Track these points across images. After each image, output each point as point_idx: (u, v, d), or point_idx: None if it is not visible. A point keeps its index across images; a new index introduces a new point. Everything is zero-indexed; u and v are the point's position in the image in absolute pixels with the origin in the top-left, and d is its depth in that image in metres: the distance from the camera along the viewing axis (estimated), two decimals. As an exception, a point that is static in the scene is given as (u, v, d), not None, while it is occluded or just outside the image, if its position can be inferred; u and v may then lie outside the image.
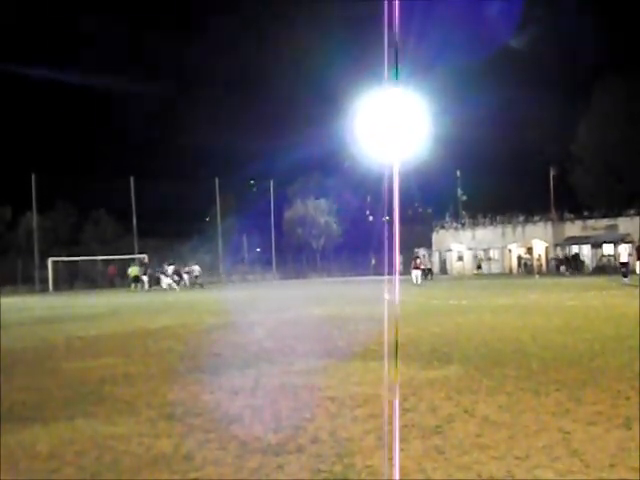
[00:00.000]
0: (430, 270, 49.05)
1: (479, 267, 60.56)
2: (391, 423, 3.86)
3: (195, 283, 46.14)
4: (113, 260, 52.19)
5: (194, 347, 11.91)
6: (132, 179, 57.34)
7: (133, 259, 52.65)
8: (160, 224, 59.47)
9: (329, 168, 69.03)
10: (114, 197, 58.51)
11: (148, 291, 43.25)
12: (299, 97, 68.67)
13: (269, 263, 64.64)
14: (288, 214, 70.19)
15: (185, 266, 48.45)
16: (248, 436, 5.51)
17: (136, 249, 56.04)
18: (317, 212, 70.16)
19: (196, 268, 47.77)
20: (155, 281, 46.99)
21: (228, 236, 63.35)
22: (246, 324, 16.05)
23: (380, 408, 6.12)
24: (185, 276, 47.06)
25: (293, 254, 66.27)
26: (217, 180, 62.19)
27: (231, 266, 62.12)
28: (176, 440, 5.47)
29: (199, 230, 64.71)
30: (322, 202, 70.16)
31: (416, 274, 39.00)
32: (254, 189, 70.57)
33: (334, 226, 71.00)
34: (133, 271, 47.42)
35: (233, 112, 75.65)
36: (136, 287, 45.16)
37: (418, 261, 41.10)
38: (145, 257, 53.21)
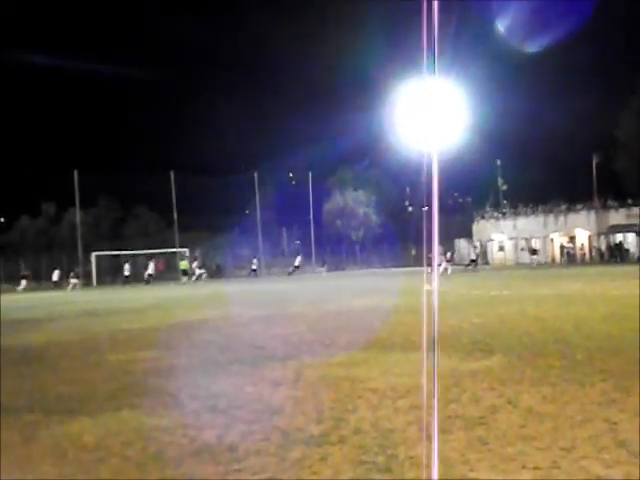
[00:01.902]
0: (474, 261, 48.76)
1: (474, 260, 53.63)
2: (430, 415, 3.84)
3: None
4: (155, 255, 53.45)
5: (236, 339, 11.99)
6: (172, 174, 57.87)
7: (175, 253, 53.56)
8: (200, 218, 60.00)
9: (368, 159, 68.86)
10: (155, 192, 59.12)
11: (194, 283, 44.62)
12: (337, 89, 68.55)
13: (309, 255, 64.70)
14: (327, 206, 70.08)
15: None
16: (290, 427, 5.53)
17: (177, 243, 56.62)
18: (356, 203, 69.93)
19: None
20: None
21: (268, 229, 63.61)
22: (287, 316, 16.11)
23: (422, 399, 6.09)
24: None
25: (332, 246, 66.25)
26: (256, 173, 62.47)
27: (271, 259, 62.40)
28: (219, 431, 5.52)
29: (239, 223, 65.07)
30: (361, 193, 69.89)
31: (444, 266, 39.90)
32: (293, 182, 70.69)
33: (373, 217, 70.71)
34: (182, 265, 50.24)
35: (271, 105, 75.88)
36: (188, 280, 47.48)
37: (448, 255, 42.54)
38: (187, 251, 54.10)
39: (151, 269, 49.35)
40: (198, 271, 49.25)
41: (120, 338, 13.08)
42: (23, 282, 46.72)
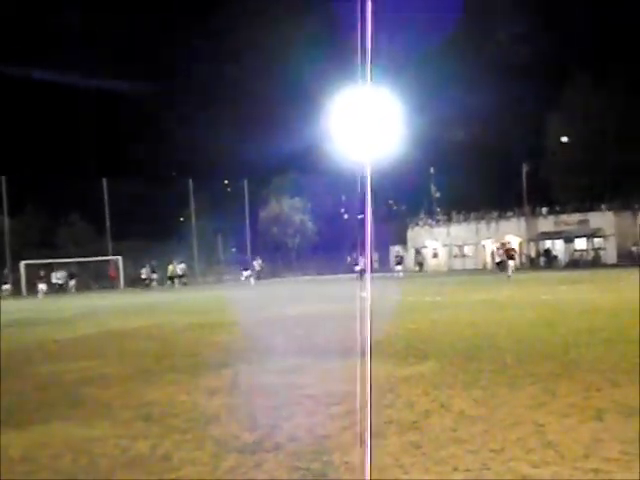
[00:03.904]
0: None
1: (399, 263, 50.98)
2: (364, 420, 3.89)
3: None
4: (109, 261, 53.66)
5: (170, 347, 11.85)
6: (105, 181, 57.04)
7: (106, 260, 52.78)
8: (134, 226, 59.20)
9: (304, 167, 69.01)
10: (87, 200, 58.14)
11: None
12: (273, 96, 68.40)
13: (244, 262, 64.48)
14: (263, 214, 70.09)
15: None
16: (225, 435, 5.50)
17: (110, 251, 55.77)
18: (292, 211, 70.17)
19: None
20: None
21: (203, 237, 63.24)
22: (223, 324, 16.00)
23: (357, 405, 6.13)
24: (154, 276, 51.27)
25: (269, 253, 66.19)
26: (191, 181, 62.11)
27: (206, 267, 61.99)
28: (153, 441, 5.45)
29: (173, 231, 64.47)
30: (297, 201, 70.13)
31: (510, 265, 34.41)
32: (229, 189, 70.40)
33: (309, 225, 71.05)
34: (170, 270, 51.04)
35: (206, 112, 75.22)
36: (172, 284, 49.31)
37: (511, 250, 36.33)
38: (119, 259, 53.48)
39: (145, 273, 50.86)
40: (154, 276, 49.82)
41: (51, 348, 12.78)
42: (6, 286, 47.90)
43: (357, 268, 37.12)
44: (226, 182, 70.93)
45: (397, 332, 12.22)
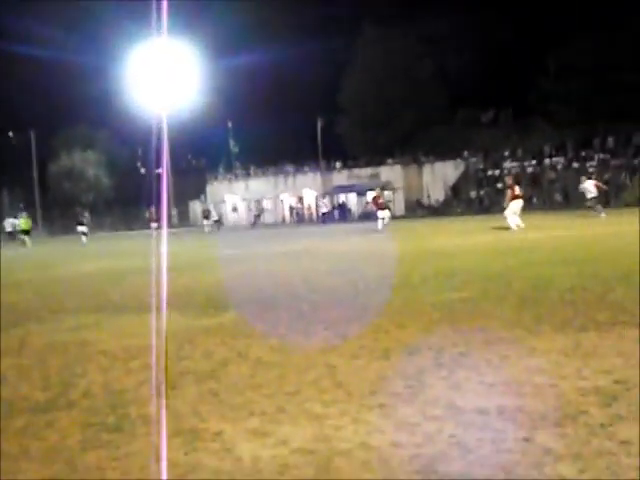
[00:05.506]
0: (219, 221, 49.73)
1: (206, 217, 49.64)
2: (159, 372, 3.89)
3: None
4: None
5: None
6: None
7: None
8: None
9: (97, 119, 66.01)
10: None
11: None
12: (64, 45, 64.41)
13: (34, 220, 61.12)
14: (53, 167, 66.54)
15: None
16: (14, 396, 5.26)
17: None
18: (85, 165, 67.23)
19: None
20: None
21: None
22: (10, 283, 15.12)
23: (153, 358, 6.09)
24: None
25: (61, 209, 63.11)
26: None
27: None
28: None
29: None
30: (90, 154, 67.23)
31: (383, 215, 30.16)
32: (13, 141, 65.88)
33: (104, 180, 68.50)
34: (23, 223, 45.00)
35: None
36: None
37: (380, 201, 31.79)
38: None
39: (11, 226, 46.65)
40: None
41: None
42: None
43: (154, 225, 34.67)
44: (10, 134, 66.29)
45: (197, 285, 12.24)
